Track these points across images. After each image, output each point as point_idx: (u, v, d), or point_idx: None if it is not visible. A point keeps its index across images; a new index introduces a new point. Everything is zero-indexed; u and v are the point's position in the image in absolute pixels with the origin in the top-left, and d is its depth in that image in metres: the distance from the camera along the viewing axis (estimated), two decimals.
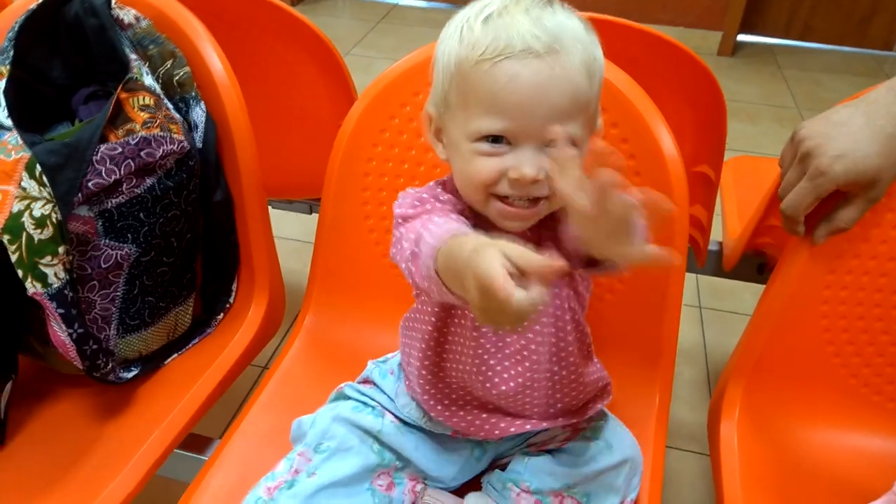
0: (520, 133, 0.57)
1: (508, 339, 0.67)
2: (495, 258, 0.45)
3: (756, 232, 0.95)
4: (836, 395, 0.81)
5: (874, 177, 0.69)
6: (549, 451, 0.73)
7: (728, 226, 1.17)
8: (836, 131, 0.69)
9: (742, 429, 0.81)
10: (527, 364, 0.68)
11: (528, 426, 0.72)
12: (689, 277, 1.70)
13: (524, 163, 0.57)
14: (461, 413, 0.72)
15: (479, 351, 0.68)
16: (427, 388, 0.72)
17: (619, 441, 0.74)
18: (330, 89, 1.04)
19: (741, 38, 3.18)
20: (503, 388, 0.68)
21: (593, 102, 0.60)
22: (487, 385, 0.69)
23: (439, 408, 0.72)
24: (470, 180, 0.60)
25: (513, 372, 0.68)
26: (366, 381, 0.80)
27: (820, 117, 0.72)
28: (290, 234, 1.53)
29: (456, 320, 0.68)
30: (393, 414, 0.75)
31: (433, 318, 0.69)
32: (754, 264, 1.16)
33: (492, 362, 0.68)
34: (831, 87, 2.88)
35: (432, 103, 0.64)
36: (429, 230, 0.56)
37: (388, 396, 0.77)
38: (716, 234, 1.19)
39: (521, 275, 0.45)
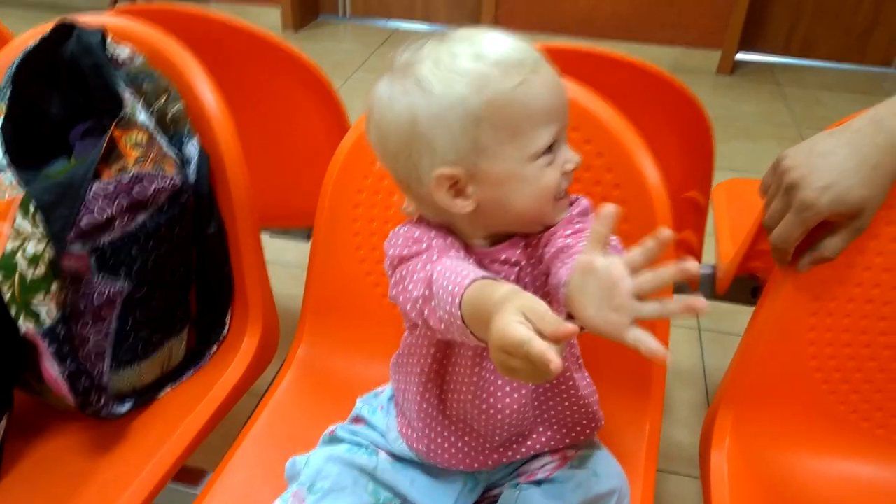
0: (561, 132, 0.62)
1: None
2: (516, 320, 0.46)
3: (747, 256, 0.96)
4: (826, 421, 0.81)
5: (860, 207, 0.69)
6: (537, 482, 0.74)
7: (721, 249, 1.18)
8: (820, 162, 0.70)
9: (732, 457, 0.81)
10: (525, 386, 0.69)
11: (519, 455, 0.73)
12: None
13: (570, 154, 0.63)
14: (459, 444, 0.72)
15: (480, 380, 0.68)
16: (428, 421, 0.72)
17: (606, 470, 0.74)
18: (323, 119, 1.06)
19: (741, 56, 3.20)
20: (505, 411, 0.69)
21: None
22: (491, 412, 0.69)
23: (439, 439, 0.72)
24: (546, 195, 0.62)
25: (515, 395, 0.69)
26: (357, 420, 0.80)
27: (804, 146, 0.72)
28: (292, 260, 1.54)
29: (456, 350, 0.69)
30: (386, 451, 0.76)
31: (433, 351, 0.69)
32: (748, 287, 1.16)
33: (492, 388, 0.69)
34: (830, 104, 2.88)
35: (448, 163, 0.60)
36: (441, 274, 0.57)
37: (380, 432, 0.77)
38: (712, 258, 1.20)
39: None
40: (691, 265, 0.46)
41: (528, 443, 0.74)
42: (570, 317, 0.54)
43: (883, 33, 3.09)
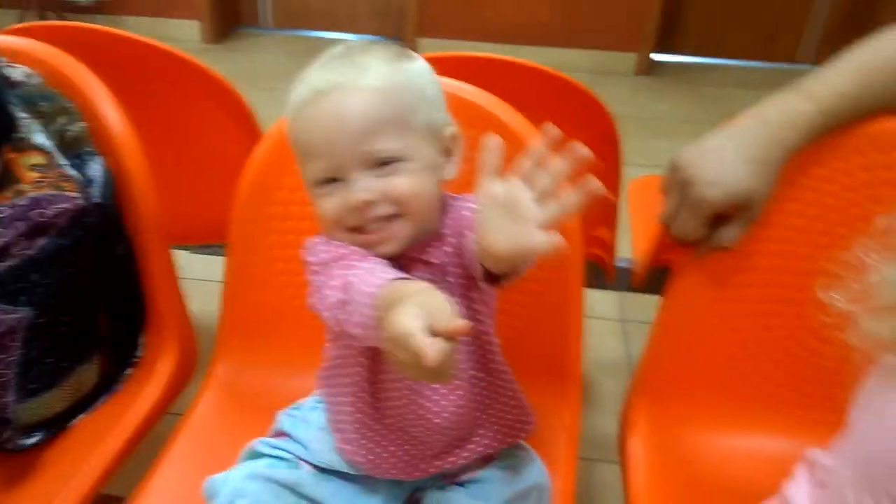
0: (340, 166, 0.62)
1: None
2: (410, 313, 0.48)
3: (659, 249, 0.99)
4: (733, 401, 0.85)
5: (748, 199, 0.73)
6: (461, 484, 0.75)
7: (636, 243, 1.22)
8: (710, 159, 0.74)
9: (648, 441, 0.84)
10: (457, 384, 0.70)
11: (461, 461, 0.74)
12: (612, 294, 1.74)
13: (354, 190, 0.61)
14: (399, 454, 0.72)
15: (414, 383, 0.68)
16: (364, 432, 0.72)
17: (528, 467, 0.76)
18: (235, 132, 1.05)
19: (657, 57, 3.32)
20: (443, 415, 0.69)
21: (411, 117, 0.63)
22: (428, 416, 0.69)
23: (377, 450, 0.72)
24: (324, 222, 0.65)
25: (452, 398, 0.70)
26: (278, 434, 0.79)
27: (695, 146, 0.76)
28: (216, 276, 1.51)
29: (384, 358, 0.68)
30: (309, 463, 0.75)
31: (362, 360, 0.69)
32: (664, 278, 1.20)
33: (427, 392, 0.69)
34: (743, 101, 2.98)
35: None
36: (358, 277, 0.58)
37: (302, 445, 0.77)
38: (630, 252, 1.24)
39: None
40: (592, 181, 0.51)
41: (470, 446, 0.74)
42: (489, 277, 0.60)
43: (788, 32, 3.26)
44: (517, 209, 0.52)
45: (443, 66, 0.85)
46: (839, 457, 0.60)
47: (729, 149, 0.73)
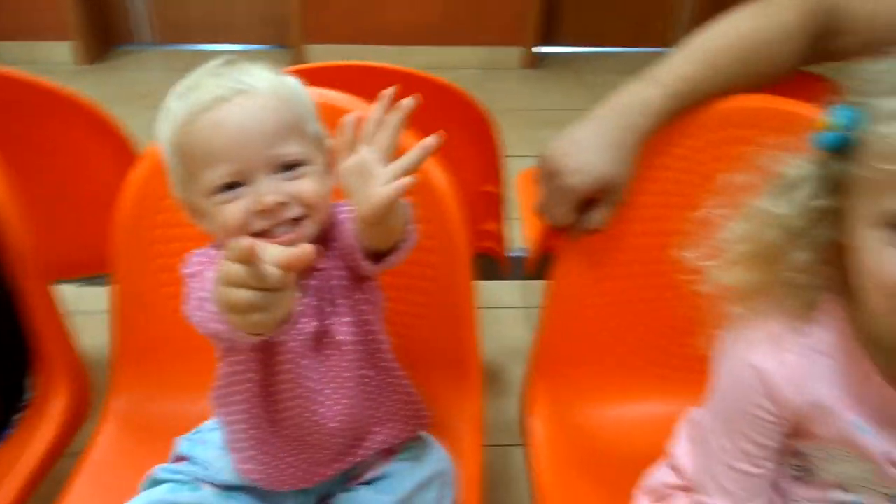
0: (247, 169, 0.62)
1: (323, 367, 0.70)
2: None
3: (545, 236, 1.04)
4: (622, 373, 0.91)
5: (610, 183, 0.79)
6: (367, 482, 0.77)
7: (526, 233, 1.27)
8: (574, 148, 0.79)
9: (547, 419, 0.89)
10: (348, 385, 0.71)
11: (358, 459, 0.75)
12: (516, 283, 1.80)
13: (264, 193, 0.62)
14: (297, 464, 0.73)
15: (306, 391, 0.70)
16: (261, 447, 0.72)
17: (429, 457, 0.79)
18: (110, 157, 1.02)
19: (543, 50, 3.42)
20: (337, 418, 0.71)
21: (305, 125, 0.66)
22: (323, 421, 0.71)
23: (275, 463, 0.72)
24: (226, 229, 0.63)
25: (345, 401, 0.71)
26: (178, 459, 0.79)
27: (560, 138, 0.81)
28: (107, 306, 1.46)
29: (277, 367, 0.69)
30: (211, 483, 0.75)
31: (253, 374, 0.69)
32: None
33: (320, 398, 0.70)
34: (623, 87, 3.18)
35: (175, 188, 0.68)
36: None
37: (203, 466, 0.76)
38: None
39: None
40: (427, 140, 0.59)
41: (367, 444, 0.76)
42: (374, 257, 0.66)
43: (658, 18, 3.44)
44: (367, 172, 0.59)
45: (324, 76, 0.86)
46: (705, 408, 0.66)
47: (589, 138, 0.78)
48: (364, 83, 0.90)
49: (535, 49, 3.33)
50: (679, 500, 0.71)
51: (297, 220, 0.64)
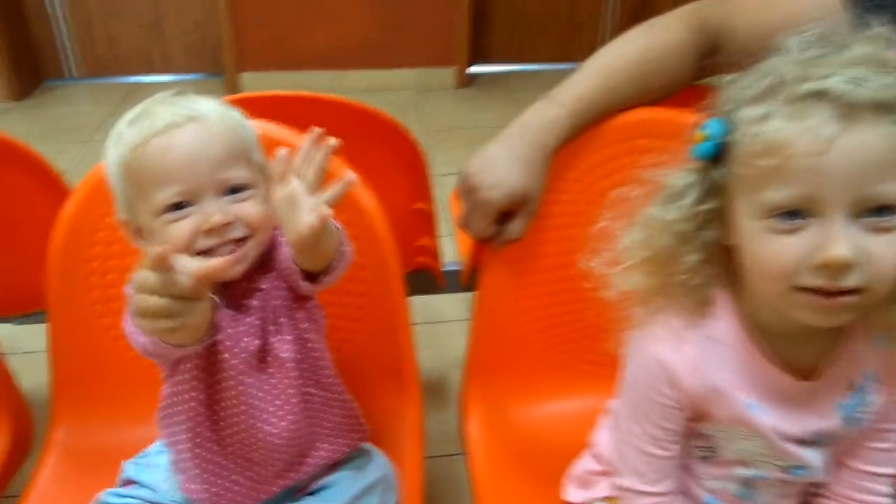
0: (195, 190, 0.66)
1: (267, 385, 0.73)
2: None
3: (475, 250, 1.10)
4: (550, 372, 0.97)
5: (524, 196, 0.85)
6: (311, 493, 0.80)
7: (460, 247, 1.32)
8: (488, 166, 0.84)
9: (483, 421, 0.93)
10: (292, 402, 0.74)
11: (302, 475, 0.78)
12: (459, 297, 1.85)
13: (211, 213, 0.66)
14: (242, 481, 0.75)
15: (250, 408, 0.72)
16: (206, 466, 0.74)
17: (371, 465, 0.83)
18: (41, 193, 1.03)
19: (475, 69, 3.52)
20: (283, 434, 0.74)
21: (250, 153, 0.71)
22: (268, 438, 0.73)
23: (220, 481, 0.75)
24: (173, 249, 0.65)
25: (290, 417, 0.74)
26: (125, 483, 0.80)
27: (477, 156, 0.86)
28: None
29: (220, 385, 0.72)
30: None
31: (196, 393, 0.71)
32: None
33: (264, 416, 0.73)
34: None
35: (120, 211, 0.70)
36: None
37: (150, 489, 0.78)
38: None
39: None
40: (347, 176, 0.65)
41: (310, 460, 0.79)
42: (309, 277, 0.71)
43: (584, 34, 3.58)
44: (295, 202, 0.63)
45: (257, 106, 0.89)
46: (618, 398, 0.72)
47: (502, 155, 0.84)
48: (296, 112, 0.94)
49: (467, 69, 3.43)
50: (600, 485, 0.77)
51: (240, 241, 0.68)
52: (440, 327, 1.83)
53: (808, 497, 0.72)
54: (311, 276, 0.71)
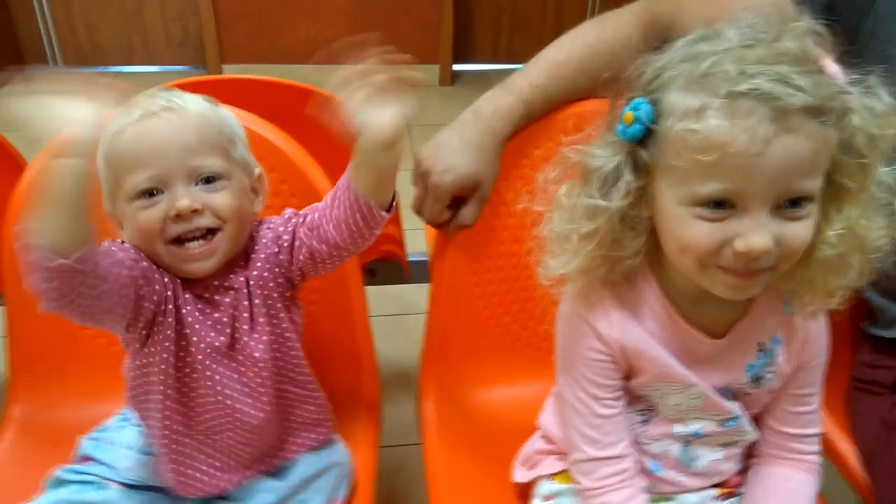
0: (166, 177, 0.67)
1: (241, 382, 0.75)
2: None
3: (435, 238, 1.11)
4: (502, 356, 0.99)
5: (476, 181, 0.86)
6: (267, 473, 0.81)
7: (428, 238, 1.34)
8: (441, 151, 0.86)
9: (438, 403, 0.96)
10: (263, 399, 0.76)
11: (270, 468, 0.80)
12: (423, 288, 1.86)
13: (180, 197, 0.67)
14: (208, 469, 0.77)
15: (223, 390, 0.73)
16: (174, 447, 0.74)
17: (328, 450, 0.84)
18: (3, 177, 1.03)
19: (458, 68, 3.54)
20: (252, 422, 0.75)
21: (231, 147, 0.71)
22: (238, 424, 0.75)
23: (187, 460, 0.75)
24: (145, 236, 0.68)
25: (266, 407, 0.76)
26: (83, 459, 0.81)
27: (430, 142, 0.88)
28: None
29: (188, 370, 0.72)
30: (117, 482, 0.77)
31: (164, 377, 0.72)
32: None
33: (235, 398, 0.74)
34: None
35: (105, 202, 0.71)
36: None
37: (108, 466, 0.79)
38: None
39: None
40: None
41: (280, 452, 0.81)
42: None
43: (561, 34, 3.60)
44: (373, 102, 0.64)
45: (229, 89, 0.90)
46: (556, 375, 0.73)
47: (454, 140, 0.86)
48: (261, 97, 0.95)
49: (451, 67, 3.45)
50: (546, 462, 0.79)
51: (210, 232, 0.69)
52: (414, 319, 1.84)
53: (745, 461, 0.76)
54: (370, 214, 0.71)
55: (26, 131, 0.55)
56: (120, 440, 0.81)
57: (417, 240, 1.34)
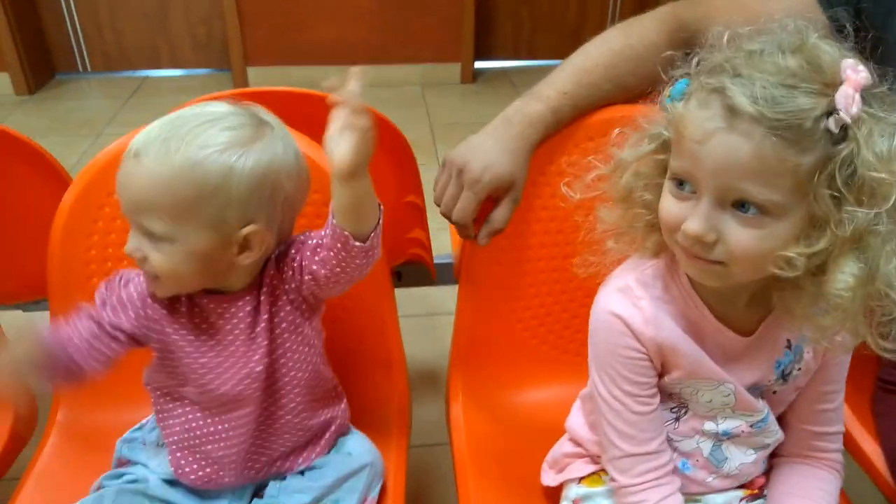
0: (128, 218, 0.71)
1: (275, 406, 0.79)
2: None
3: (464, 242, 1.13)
4: (532, 360, 1.00)
5: (511, 180, 0.87)
6: (300, 472, 0.83)
7: (454, 239, 1.35)
8: (476, 151, 0.87)
9: (466, 406, 0.97)
10: (296, 411, 0.80)
11: (275, 465, 0.83)
12: (449, 288, 1.88)
13: (129, 242, 0.71)
14: (223, 465, 0.79)
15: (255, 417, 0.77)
16: (194, 442, 0.78)
17: (359, 450, 0.86)
18: (44, 185, 1.07)
19: (479, 65, 3.54)
20: (280, 438, 0.79)
21: (191, 208, 0.68)
22: (265, 441, 0.79)
23: (207, 458, 0.78)
24: None
25: (289, 415, 0.79)
26: (120, 463, 0.84)
27: (462, 144, 0.89)
28: None
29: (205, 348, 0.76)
30: (155, 478, 0.81)
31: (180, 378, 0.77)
32: None
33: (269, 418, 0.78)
34: None
35: None
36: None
37: (143, 465, 0.82)
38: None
39: None
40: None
41: (305, 454, 0.84)
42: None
43: (589, 30, 3.56)
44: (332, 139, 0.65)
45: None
46: (590, 375, 0.74)
47: (488, 142, 0.87)
48: (285, 107, 0.97)
49: (472, 65, 3.45)
50: (575, 465, 0.81)
51: (153, 276, 0.72)
52: (439, 319, 1.86)
53: (770, 460, 0.77)
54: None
55: None
56: (153, 439, 0.85)
57: (443, 241, 1.36)
